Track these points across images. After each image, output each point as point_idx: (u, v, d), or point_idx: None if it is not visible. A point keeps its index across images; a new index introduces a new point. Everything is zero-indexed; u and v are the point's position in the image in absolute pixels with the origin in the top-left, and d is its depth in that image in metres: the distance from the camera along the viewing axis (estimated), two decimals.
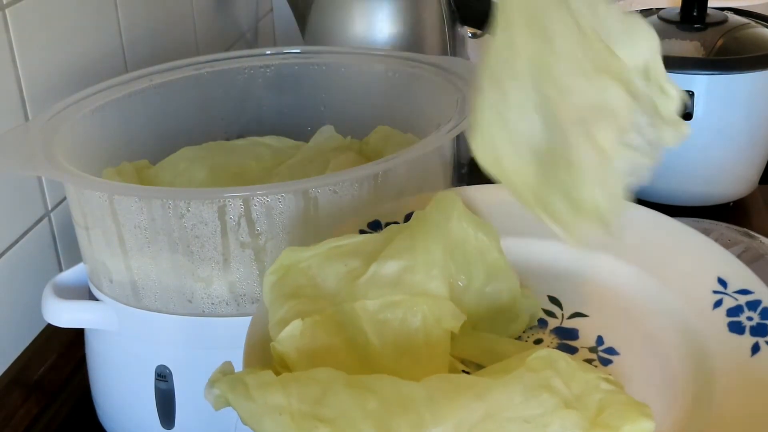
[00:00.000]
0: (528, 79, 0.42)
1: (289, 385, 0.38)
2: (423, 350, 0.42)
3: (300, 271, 0.46)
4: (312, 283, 0.45)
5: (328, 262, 0.46)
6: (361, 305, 0.42)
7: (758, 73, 0.85)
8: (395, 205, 0.53)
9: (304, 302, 0.44)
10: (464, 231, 0.47)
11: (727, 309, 0.45)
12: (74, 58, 0.75)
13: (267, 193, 0.53)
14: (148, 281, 0.56)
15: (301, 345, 0.42)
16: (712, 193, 0.92)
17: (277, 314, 0.44)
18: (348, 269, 0.45)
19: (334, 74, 0.74)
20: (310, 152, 0.71)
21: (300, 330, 0.42)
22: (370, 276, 0.44)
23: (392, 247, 0.45)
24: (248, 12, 1.19)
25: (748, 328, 0.44)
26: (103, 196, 0.55)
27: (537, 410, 0.37)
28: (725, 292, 0.46)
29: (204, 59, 0.73)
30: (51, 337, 0.71)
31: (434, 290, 0.43)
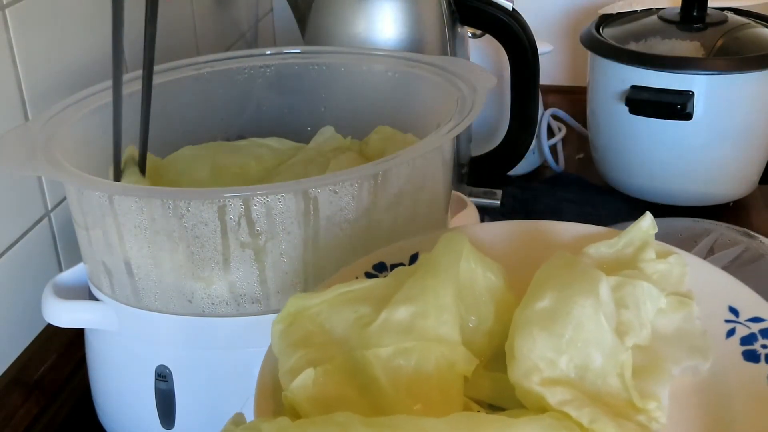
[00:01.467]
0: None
1: (307, 429, 0.37)
2: (437, 395, 0.42)
3: (308, 318, 0.45)
4: (321, 331, 0.45)
5: (336, 309, 0.45)
6: (374, 353, 0.42)
7: (758, 73, 0.85)
8: (400, 246, 0.53)
9: (314, 350, 0.43)
10: (472, 271, 0.47)
11: (740, 338, 0.45)
12: (74, 58, 0.75)
13: (267, 193, 0.53)
14: (148, 281, 0.56)
15: (313, 394, 0.41)
16: (712, 193, 0.92)
17: (287, 363, 0.43)
18: (358, 316, 0.45)
19: (334, 74, 0.74)
20: (310, 152, 0.71)
21: (312, 379, 0.41)
22: (381, 323, 0.43)
23: (403, 293, 0.44)
24: (248, 12, 1.19)
25: (763, 356, 0.44)
26: (103, 196, 0.55)
27: None
28: (737, 320, 0.46)
29: (204, 59, 0.73)
30: (51, 337, 0.71)
31: (446, 335, 0.43)
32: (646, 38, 0.91)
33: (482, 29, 0.93)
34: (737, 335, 0.45)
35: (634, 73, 0.88)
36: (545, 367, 0.41)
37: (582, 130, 1.07)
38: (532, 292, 0.45)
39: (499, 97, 0.97)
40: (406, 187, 0.57)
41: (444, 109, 0.62)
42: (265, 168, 0.70)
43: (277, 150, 0.72)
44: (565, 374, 0.41)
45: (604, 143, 0.96)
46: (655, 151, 0.90)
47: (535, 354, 0.41)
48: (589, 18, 1.01)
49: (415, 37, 0.84)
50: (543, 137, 1.02)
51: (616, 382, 0.41)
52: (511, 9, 0.86)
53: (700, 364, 0.45)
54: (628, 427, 0.38)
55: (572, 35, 1.24)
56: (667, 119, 0.87)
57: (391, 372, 0.42)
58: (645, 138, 0.90)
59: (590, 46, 0.94)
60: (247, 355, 0.56)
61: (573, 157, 1.08)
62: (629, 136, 0.91)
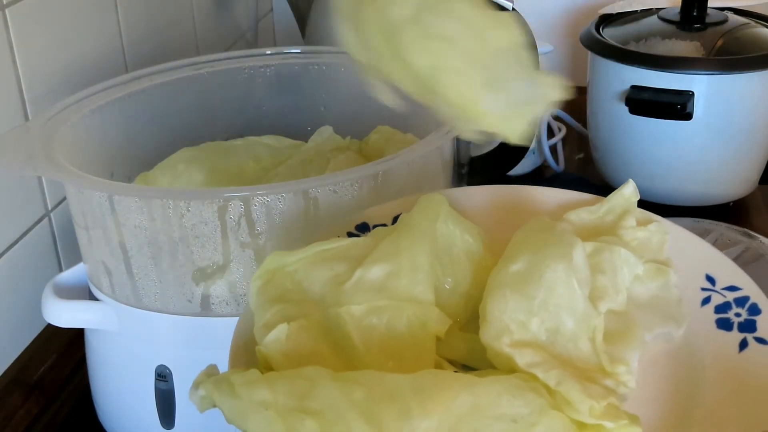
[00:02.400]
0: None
1: (275, 382, 0.38)
2: (409, 354, 0.42)
3: (286, 276, 0.46)
4: (298, 288, 0.45)
5: (314, 267, 0.46)
6: (347, 310, 0.42)
7: (758, 73, 0.85)
8: (384, 207, 0.53)
9: (289, 306, 0.44)
10: (451, 233, 0.47)
11: (715, 306, 0.46)
12: (74, 58, 0.75)
13: (267, 193, 0.53)
14: (148, 281, 0.56)
15: (286, 348, 0.41)
16: (712, 193, 0.92)
17: (262, 318, 0.43)
18: (334, 274, 0.45)
19: (334, 74, 0.74)
20: (309, 152, 0.71)
21: (286, 334, 0.42)
22: (355, 281, 0.43)
23: (377, 252, 0.45)
24: (248, 12, 1.19)
25: (736, 325, 0.44)
26: (103, 196, 0.55)
27: (524, 409, 0.38)
28: (713, 289, 0.46)
29: (204, 59, 0.73)
30: (51, 337, 0.71)
31: (419, 295, 0.43)
32: (646, 38, 0.91)
33: None
34: (712, 303, 0.46)
35: (634, 73, 0.88)
36: (516, 329, 0.41)
37: (582, 130, 1.07)
38: (507, 255, 0.45)
39: None
40: (406, 187, 0.57)
41: None
42: (263, 168, 0.70)
43: (274, 149, 0.72)
44: (535, 337, 0.41)
45: (604, 143, 0.96)
46: (655, 151, 0.90)
47: (506, 316, 0.41)
48: (589, 18, 1.00)
49: None
50: (543, 137, 1.02)
51: (587, 346, 0.42)
52: (511, 9, 0.86)
53: (673, 331, 0.45)
54: (594, 390, 0.39)
55: (572, 35, 1.24)
56: (667, 119, 0.87)
57: (364, 330, 0.42)
58: (645, 138, 0.90)
59: (590, 46, 0.94)
60: None
61: (573, 157, 1.08)
62: (629, 136, 0.91)
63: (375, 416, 0.36)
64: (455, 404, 0.37)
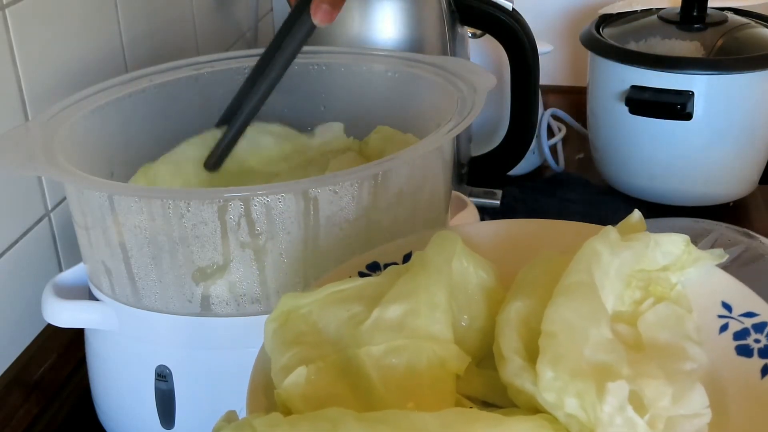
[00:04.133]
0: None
1: (297, 424, 0.37)
2: (429, 393, 0.42)
3: (300, 318, 0.45)
4: (313, 330, 0.45)
5: (329, 308, 0.45)
6: (366, 351, 0.42)
7: (758, 73, 0.85)
8: (393, 245, 0.53)
9: (306, 349, 0.43)
10: (465, 270, 0.47)
11: (733, 333, 0.45)
12: (74, 58, 0.75)
13: (267, 193, 0.53)
14: (148, 281, 0.56)
15: (305, 391, 0.41)
16: (712, 193, 0.92)
17: (279, 361, 0.43)
18: (350, 314, 0.45)
19: (334, 74, 0.74)
20: (310, 153, 0.71)
21: (305, 377, 0.41)
22: (373, 321, 0.43)
23: (394, 291, 0.44)
24: (248, 12, 1.19)
25: (756, 351, 0.44)
26: (103, 196, 0.55)
27: None
28: (730, 316, 0.46)
29: (204, 59, 0.73)
30: (51, 337, 0.71)
31: (438, 333, 0.43)
32: (646, 38, 0.91)
33: (482, 29, 0.93)
34: (730, 330, 0.45)
35: (634, 73, 0.88)
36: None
37: (582, 130, 1.07)
38: (513, 292, 0.45)
39: (499, 97, 0.97)
40: (406, 187, 0.57)
41: (444, 109, 0.62)
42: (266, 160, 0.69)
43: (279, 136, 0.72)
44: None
45: (604, 143, 0.96)
46: (655, 151, 0.90)
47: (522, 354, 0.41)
48: (589, 18, 1.01)
49: (415, 37, 0.84)
50: (543, 137, 1.02)
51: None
52: (511, 9, 0.86)
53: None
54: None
55: (572, 35, 1.24)
56: (667, 119, 0.87)
57: (383, 370, 0.42)
58: (645, 138, 0.90)
59: (590, 46, 0.94)
60: (247, 355, 0.56)
61: (573, 157, 1.08)
62: (629, 136, 0.91)
63: None
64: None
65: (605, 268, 0.45)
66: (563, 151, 1.06)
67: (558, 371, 0.38)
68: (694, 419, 0.40)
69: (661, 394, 0.39)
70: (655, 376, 0.40)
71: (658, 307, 0.47)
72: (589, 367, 0.39)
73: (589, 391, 0.37)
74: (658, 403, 0.39)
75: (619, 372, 0.39)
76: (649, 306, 0.47)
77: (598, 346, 0.40)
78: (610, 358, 0.39)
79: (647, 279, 0.48)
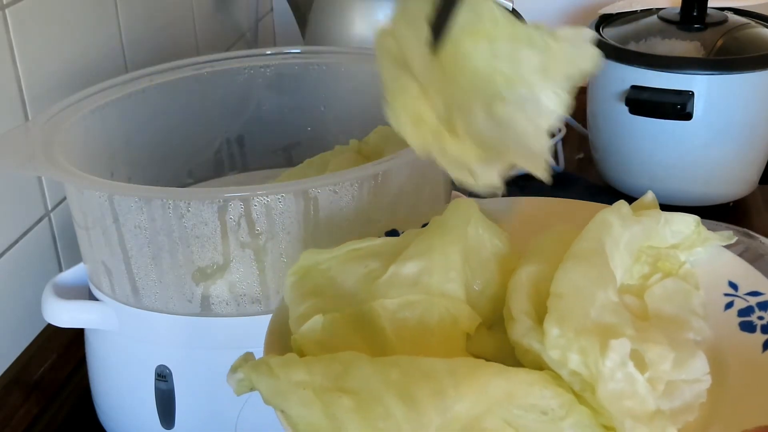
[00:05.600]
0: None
1: (312, 364, 0.39)
2: (440, 348, 0.43)
3: (319, 273, 0.47)
4: (331, 284, 0.46)
5: (347, 264, 0.47)
6: (380, 304, 0.43)
7: (758, 73, 0.85)
8: (411, 214, 0.54)
9: (323, 300, 0.45)
10: (480, 237, 0.48)
11: (738, 310, 0.47)
12: (74, 58, 0.75)
13: (267, 193, 0.53)
14: (148, 281, 0.56)
15: (320, 338, 0.43)
16: (712, 193, 0.92)
17: (297, 310, 0.45)
18: (367, 270, 0.46)
19: (334, 74, 0.74)
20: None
21: (320, 325, 0.43)
22: (389, 276, 0.45)
23: (411, 250, 0.46)
24: (248, 12, 1.19)
25: (759, 327, 0.45)
26: (103, 196, 0.55)
27: (554, 401, 0.38)
28: (736, 294, 0.47)
29: (204, 59, 0.73)
30: (51, 337, 0.71)
31: (451, 291, 0.44)
32: (646, 38, 0.91)
33: None
34: (735, 307, 0.47)
35: (634, 73, 0.88)
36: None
37: (582, 130, 1.07)
38: (525, 258, 0.46)
39: None
40: (406, 187, 0.57)
41: None
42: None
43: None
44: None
45: (604, 143, 0.96)
46: (655, 151, 0.90)
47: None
48: (589, 18, 1.00)
49: None
50: None
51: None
52: (511, 9, 0.86)
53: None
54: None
55: None
56: (667, 119, 0.87)
57: (397, 323, 0.43)
58: (645, 138, 0.90)
59: None
60: None
61: (573, 157, 1.08)
62: (629, 136, 0.91)
63: (410, 395, 0.37)
64: (489, 388, 0.38)
65: (615, 239, 0.46)
66: (563, 151, 1.06)
67: (563, 329, 0.39)
68: (694, 384, 0.41)
69: (663, 358, 0.40)
70: (658, 341, 0.41)
71: (665, 281, 0.48)
72: (594, 326, 0.40)
73: (592, 348, 0.38)
74: (660, 367, 0.40)
75: (622, 332, 0.40)
76: (656, 281, 0.48)
77: (603, 308, 0.41)
78: (614, 320, 0.40)
79: (656, 255, 0.49)
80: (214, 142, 0.76)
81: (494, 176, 0.43)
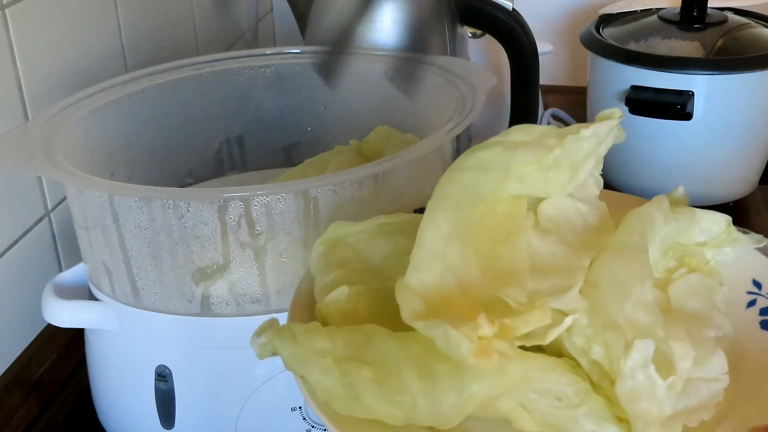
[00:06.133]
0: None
1: (335, 334, 0.39)
2: None
3: (347, 246, 0.47)
4: (359, 258, 0.47)
5: (375, 239, 0.47)
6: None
7: (758, 73, 0.85)
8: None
9: (350, 272, 0.45)
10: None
11: (760, 308, 0.47)
12: (74, 58, 0.75)
13: (267, 193, 0.53)
14: (148, 281, 0.56)
15: (345, 309, 0.43)
16: (712, 193, 0.92)
17: (323, 280, 0.45)
18: (395, 247, 0.46)
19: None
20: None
21: (346, 295, 0.43)
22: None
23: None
24: (248, 12, 1.18)
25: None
26: (103, 196, 0.55)
27: (569, 388, 0.38)
28: (759, 293, 0.48)
29: (204, 59, 0.73)
30: (51, 337, 0.71)
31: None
32: (646, 38, 0.91)
33: (482, 29, 0.93)
34: (757, 306, 0.47)
35: (634, 73, 0.88)
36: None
37: None
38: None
39: (499, 97, 0.97)
40: (406, 187, 0.57)
41: (444, 109, 0.62)
42: None
43: None
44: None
45: None
46: (655, 151, 0.90)
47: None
48: (589, 18, 1.00)
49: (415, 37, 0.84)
50: None
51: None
52: (511, 9, 0.86)
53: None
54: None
55: (572, 35, 1.24)
56: (667, 119, 0.87)
57: None
58: (645, 138, 0.90)
59: (590, 46, 0.94)
60: (247, 355, 0.55)
61: None
62: (629, 136, 0.91)
63: (429, 371, 0.37)
64: (507, 371, 0.38)
65: (654, 235, 0.46)
66: None
67: (593, 320, 0.39)
68: (711, 383, 0.41)
69: (684, 355, 0.40)
70: (680, 337, 0.41)
71: (690, 276, 0.48)
72: (624, 322, 0.39)
73: (617, 343, 0.38)
74: (680, 364, 0.40)
75: (653, 332, 0.39)
76: (681, 275, 0.48)
77: (638, 304, 0.40)
78: (647, 318, 0.40)
79: (683, 251, 0.49)
80: (214, 142, 0.76)
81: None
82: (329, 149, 0.71)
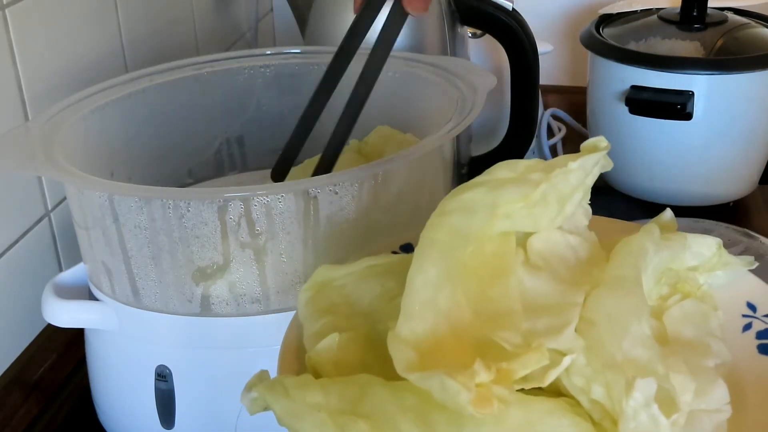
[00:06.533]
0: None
1: (328, 386, 0.39)
2: None
3: (334, 289, 0.46)
4: (347, 302, 0.45)
5: (363, 282, 0.46)
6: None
7: (758, 73, 0.85)
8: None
9: (339, 318, 0.44)
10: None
11: (756, 332, 0.46)
12: (74, 58, 0.75)
13: (267, 193, 0.53)
14: (148, 281, 0.56)
15: (337, 358, 0.42)
16: (712, 193, 0.92)
17: (312, 327, 0.44)
18: (384, 289, 0.45)
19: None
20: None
21: (337, 343, 0.42)
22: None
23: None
24: (248, 12, 1.19)
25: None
26: (103, 196, 0.55)
27: (572, 430, 0.38)
28: (754, 315, 0.47)
29: (204, 59, 0.73)
30: (51, 337, 0.71)
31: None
32: (646, 38, 0.91)
33: (482, 29, 0.93)
34: (754, 329, 0.46)
35: (634, 73, 0.88)
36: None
37: (582, 130, 1.07)
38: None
39: (499, 97, 0.97)
40: (406, 187, 0.57)
41: (444, 109, 0.62)
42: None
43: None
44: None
45: None
46: (655, 151, 0.90)
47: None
48: (589, 18, 1.00)
49: (415, 37, 0.84)
50: (543, 137, 1.02)
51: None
52: (511, 9, 0.86)
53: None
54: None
55: (572, 35, 1.24)
56: (667, 119, 0.87)
57: None
58: (645, 138, 0.90)
59: (590, 46, 0.94)
60: (247, 355, 0.56)
61: None
62: (629, 136, 0.91)
63: (426, 421, 0.36)
64: (507, 417, 0.37)
65: (646, 265, 0.46)
66: (563, 151, 1.06)
67: (591, 359, 0.39)
68: (714, 414, 0.40)
69: (685, 388, 0.39)
70: (680, 370, 0.40)
71: (684, 303, 0.47)
72: (624, 359, 0.39)
73: (617, 383, 0.38)
74: (681, 398, 0.39)
75: (653, 369, 0.39)
76: (675, 302, 0.47)
77: (636, 340, 0.40)
78: (645, 354, 0.39)
79: (675, 276, 0.48)
80: (214, 142, 0.76)
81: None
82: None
